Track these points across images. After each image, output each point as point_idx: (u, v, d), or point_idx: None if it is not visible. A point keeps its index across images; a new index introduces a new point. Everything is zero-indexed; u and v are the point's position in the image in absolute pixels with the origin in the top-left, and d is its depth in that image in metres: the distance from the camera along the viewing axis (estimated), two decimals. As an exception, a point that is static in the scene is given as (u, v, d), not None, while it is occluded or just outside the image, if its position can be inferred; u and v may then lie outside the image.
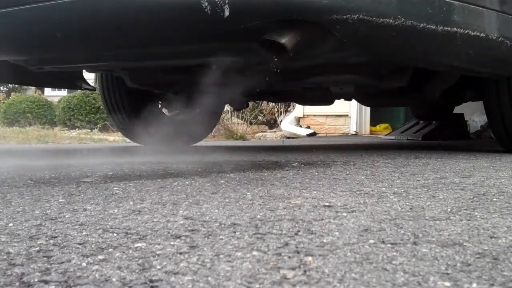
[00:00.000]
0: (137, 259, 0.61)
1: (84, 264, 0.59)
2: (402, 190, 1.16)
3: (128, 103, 2.97)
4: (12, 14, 1.66)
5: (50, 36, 1.74)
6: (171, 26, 1.61)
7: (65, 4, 1.58)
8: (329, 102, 3.19)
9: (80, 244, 0.68)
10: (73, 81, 2.75)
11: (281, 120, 6.59)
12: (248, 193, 1.11)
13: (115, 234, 0.73)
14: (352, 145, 3.81)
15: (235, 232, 0.74)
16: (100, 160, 2.18)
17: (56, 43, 1.78)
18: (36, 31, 1.75)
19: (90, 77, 3.05)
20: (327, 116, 6.39)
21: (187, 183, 1.29)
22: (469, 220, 0.82)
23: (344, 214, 0.87)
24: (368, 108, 6.14)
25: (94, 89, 3.18)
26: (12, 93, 11.10)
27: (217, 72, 1.91)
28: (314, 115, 6.43)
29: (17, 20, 1.70)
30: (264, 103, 6.80)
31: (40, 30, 1.75)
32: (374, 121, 6.53)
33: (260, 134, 5.74)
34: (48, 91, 12.83)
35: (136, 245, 0.67)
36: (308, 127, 6.23)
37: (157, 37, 1.70)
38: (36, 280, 0.54)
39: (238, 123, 6.16)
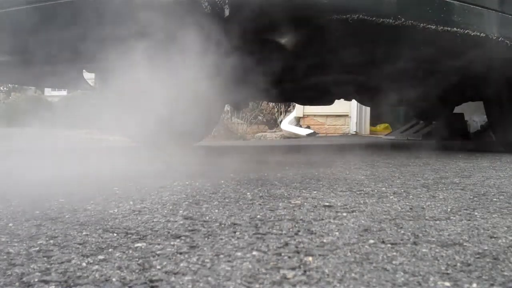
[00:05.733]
0: (137, 259, 0.61)
1: (84, 264, 0.59)
2: (402, 190, 1.16)
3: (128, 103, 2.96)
4: None
5: None
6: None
7: None
8: (329, 102, 3.18)
9: (80, 244, 0.68)
10: (73, 81, 2.75)
11: (281, 120, 6.59)
12: (248, 193, 1.11)
13: (115, 234, 0.73)
14: (352, 145, 3.81)
15: (235, 232, 0.74)
16: (101, 160, 2.18)
17: None
18: None
19: (90, 77, 3.05)
20: (327, 116, 6.39)
21: (187, 183, 1.29)
22: (469, 220, 0.82)
23: (344, 214, 0.87)
24: (368, 108, 6.13)
25: (94, 89, 3.17)
26: (12, 93, 11.08)
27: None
28: (314, 115, 6.43)
29: None
30: (264, 103, 6.80)
31: None
32: (374, 121, 6.53)
33: (260, 134, 5.73)
34: (48, 91, 12.83)
35: (136, 245, 0.67)
36: (308, 127, 6.23)
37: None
38: (36, 280, 0.54)
39: (238, 123, 6.16)
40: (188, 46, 1.73)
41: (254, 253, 0.63)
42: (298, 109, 6.41)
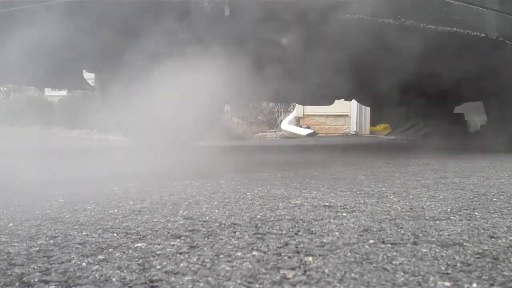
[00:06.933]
0: (137, 259, 0.61)
1: (84, 264, 0.59)
2: (402, 190, 1.16)
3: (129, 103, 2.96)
4: None
5: None
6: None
7: None
8: (329, 102, 3.18)
9: (80, 244, 0.68)
10: (73, 81, 2.75)
11: (281, 120, 6.59)
12: (248, 193, 1.11)
13: (115, 234, 0.73)
14: (352, 145, 3.81)
15: (235, 232, 0.74)
16: (101, 160, 2.18)
17: None
18: None
19: (90, 77, 3.04)
20: (327, 116, 6.38)
21: (187, 183, 1.29)
22: (469, 220, 0.82)
23: (344, 214, 0.87)
24: (368, 108, 6.13)
25: (94, 89, 3.17)
26: (12, 93, 11.08)
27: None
28: (314, 115, 6.43)
29: None
30: (264, 103, 6.80)
31: None
32: (374, 121, 6.53)
33: (260, 134, 5.73)
34: (48, 91, 12.82)
35: (136, 245, 0.67)
36: (308, 127, 6.22)
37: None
38: (36, 280, 0.54)
39: (238, 123, 6.16)
40: None
41: (254, 253, 0.63)
42: (298, 109, 6.41)
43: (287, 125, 6.24)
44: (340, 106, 5.38)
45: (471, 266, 0.57)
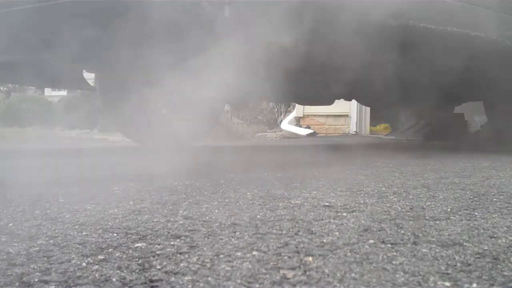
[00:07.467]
0: (137, 259, 0.61)
1: (84, 264, 0.59)
2: (402, 190, 1.16)
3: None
4: None
5: None
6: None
7: None
8: (329, 102, 3.18)
9: (80, 244, 0.68)
10: (73, 81, 2.74)
11: (281, 120, 6.59)
12: (248, 193, 1.11)
13: (115, 234, 0.73)
14: (352, 145, 3.81)
15: (235, 232, 0.74)
16: (101, 160, 2.18)
17: None
18: None
19: (90, 77, 3.04)
20: (327, 116, 6.38)
21: (187, 183, 1.29)
22: (469, 220, 0.82)
23: (344, 214, 0.87)
24: (368, 108, 6.12)
25: (94, 89, 3.17)
26: (12, 93, 11.08)
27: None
28: (314, 115, 6.42)
29: None
30: (264, 103, 6.79)
31: None
32: (374, 121, 6.52)
33: (260, 134, 5.72)
34: (48, 91, 12.82)
35: (136, 245, 0.67)
36: (308, 127, 6.22)
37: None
38: (36, 280, 0.54)
39: (238, 123, 6.15)
40: None
41: (254, 253, 0.63)
42: (298, 109, 6.41)
43: (287, 125, 6.24)
44: (340, 106, 5.38)
45: (471, 266, 0.57)
